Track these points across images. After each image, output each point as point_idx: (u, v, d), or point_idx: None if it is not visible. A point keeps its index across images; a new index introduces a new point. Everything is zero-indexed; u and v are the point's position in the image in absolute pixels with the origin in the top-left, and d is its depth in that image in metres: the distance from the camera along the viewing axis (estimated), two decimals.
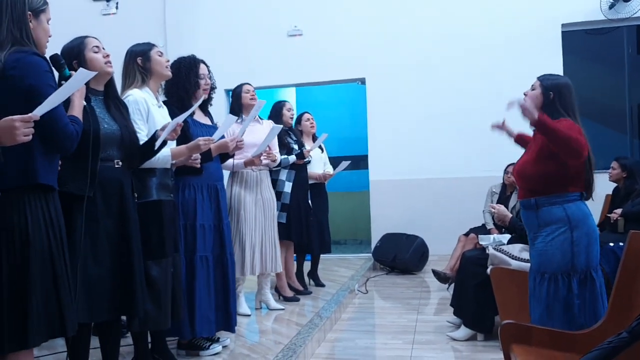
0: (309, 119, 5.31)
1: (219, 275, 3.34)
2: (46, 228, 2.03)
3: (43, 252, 2.01)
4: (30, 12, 2.11)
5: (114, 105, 2.60)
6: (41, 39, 2.16)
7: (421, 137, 7.06)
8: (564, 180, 2.69)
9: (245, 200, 4.08)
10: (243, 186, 4.11)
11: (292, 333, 3.72)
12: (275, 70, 7.40)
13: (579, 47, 7.07)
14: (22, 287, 1.96)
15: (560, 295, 2.66)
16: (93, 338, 2.68)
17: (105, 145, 2.46)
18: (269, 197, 4.27)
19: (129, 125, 2.63)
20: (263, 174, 4.26)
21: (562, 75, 2.88)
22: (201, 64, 3.41)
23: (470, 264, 3.92)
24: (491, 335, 3.77)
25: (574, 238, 2.65)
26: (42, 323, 1.99)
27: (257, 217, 4.14)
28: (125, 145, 2.56)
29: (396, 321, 4.47)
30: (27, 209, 1.98)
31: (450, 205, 6.85)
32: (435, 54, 7.04)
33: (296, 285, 4.98)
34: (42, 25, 2.17)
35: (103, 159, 2.46)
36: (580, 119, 2.77)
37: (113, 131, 2.52)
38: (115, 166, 2.53)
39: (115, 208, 2.50)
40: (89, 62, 2.49)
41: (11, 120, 1.80)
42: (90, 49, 2.52)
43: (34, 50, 2.06)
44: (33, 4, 2.13)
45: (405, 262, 6.33)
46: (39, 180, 2.02)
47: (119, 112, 2.61)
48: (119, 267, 2.48)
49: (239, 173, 4.10)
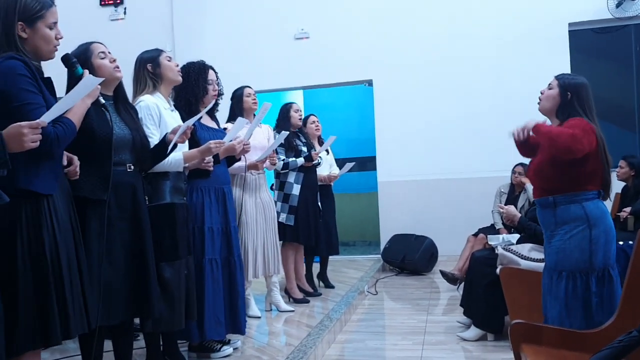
0: (314, 121, 5.31)
1: (226, 278, 3.36)
2: (35, 237, 2.00)
3: (31, 259, 1.98)
4: (22, 22, 2.06)
5: (124, 109, 2.61)
6: (40, 47, 2.11)
7: (429, 137, 7.06)
8: (582, 179, 2.69)
9: (246, 204, 4.09)
10: (243, 189, 4.12)
11: (302, 335, 3.73)
12: (283, 73, 7.42)
13: (587, 46, 7.04)
14: (12, 295, 1.94)
15: (579, 293, 2.66)
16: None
17: (117, 150, 2.47)
18: (267, 199, 4.29)
19: (139, 129, 2.64)
20: (261, 177, 4.27)
21: (579, 75, 2.87)
22: (210, 70, 3.43)
23: (480, 264, 3.91)
24: (501, 335, 3.76)
25: (592, 236, 2.65)
26: (29, 330, 1.97)
27: (258, 220, 4.15)
28: (137, 148, 2.57)
29: (406, 322, 4.47)
30: (15, 217, 1.97)
31: (459, 206, 6.85)
32: (441, 55, 7.05)
33: (306, 287, 4.99)
34: (40, 33, 2.09)
35: (116, 163, 2.46)
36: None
37: (125, 135, 2.52)
38: (127, 170, 2.54)
39: (129, 211, 2.51)
40: (97, 69, 2.47)
41: (19, 126, 1.79)
42: (97, 55, 2.51)
43: (12, 54, 2.01)
44: (26, 12, 2.06)
45: (415, 262, 6.33)
46: (19, 185, 1.97)
47: (129, 115, 2.62)
48: (133, 269, 2.50)
49: (238, 176, 4.11)
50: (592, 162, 2.68)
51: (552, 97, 2.81)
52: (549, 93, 2.82)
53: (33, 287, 2.00)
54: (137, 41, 4.25)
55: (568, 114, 2.74)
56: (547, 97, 2.83)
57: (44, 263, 2.01)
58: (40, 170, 2.04)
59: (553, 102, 2.80)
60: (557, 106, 2.79)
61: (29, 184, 2.00)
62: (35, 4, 2.09)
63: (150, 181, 2.85)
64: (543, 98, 2.85)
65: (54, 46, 2.16)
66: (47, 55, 2.16)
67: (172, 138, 2.67)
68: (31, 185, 2.01)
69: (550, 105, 2.82)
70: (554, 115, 2.83)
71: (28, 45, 2.09)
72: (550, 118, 2.87)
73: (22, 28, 2.06)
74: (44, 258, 2.01)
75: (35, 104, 1.98)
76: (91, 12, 7.94)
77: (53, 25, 2.14)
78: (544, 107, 2.85)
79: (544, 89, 2.87)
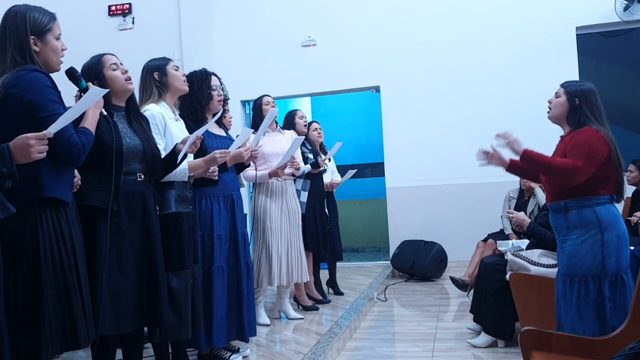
0: (317, 128, 5.30)
1: (233, 285, 3.36)
2: (57, 242, 2.06)
3: (55, 266, 2.04)
4: (34, 36, 2.13)
5: (135, 120, 2.63)
6: (50, 59, 2.18)
7: (437, 143, 7.04)
8: (594, 183, 2.68)
9: (271, 210, 4.11)
10: (268, 196, 4.14)
11: (311, 342, 3.73)
12: (290, 80, 7.44)
13: (595, 50, 7.02)
14: (35, 302, 1.99)
15: (592, 298, 2.66)
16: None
17: (128, 159, 2.49)
18: (294, 206, 4.30)
19: (150, 139, 2.66)
20: (288, 183, 4.29)
21: (585, 81, 2.89)
22: (213, 76, 3.45)
23: (490, 270, 3.89)
24: (512, 342, 3.74)
25: (604, 241, 2.65)
26: (54, 337, 2.02)
27: (283, 226, 4.17)
28: (148, 158, 2.59)
29: (416, 329, 4.45)
30: (37, 224, 2.03)
31: (468, 211, 6.83)
32: (449, 60, 7.04)
33: (315, 295, 4.99)
34: (50, 45, 2.18)
35: (126, 172, 2.49)
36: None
37: (135, 145, 2.54)
38: (137, 179, 2.56)
39: (139, 220, 2.53)
40: (109, 80, 2.52)
41: (26, 138, 1.82)
42: (109, 67, 2.54)
43: (34, 67, 2.08)
44: (36, 26, 2.14)
45: (424, 269, 6.30)
46: (46, 193, 2.04)
47: (140, 126, 2.64)
48: (144, 278, 2.51)
49: (264, 183, 4.12)
50: (605, 167, 2.68)
51: (560, 104, 2.83)
52: (557, 101, 2.84)
53: (57, 292, 2.05)
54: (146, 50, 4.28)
55: (578, 120, 2.76)
56: (555, 105, 2.85)
57: (67, 268, 2.08)
58: (62, 180, 2.13)
59: (562, 110, 2.82)
60: (567, 113, 2.80)
61: (54, 192, 2.08)
62: (43, 17, 2.18)
63: (156, 190, 2.87)
64: (552, 106, 2.87)
65: (61, 57, 2.24)
66: (56, 67, 2.23)
67: (182, 148, 2.69)
68: (56, 194, 2.09)
69: (560, 113, 2.83)
70: (564, 122, 2.85)
71: (40, 58, 2.16)
72: (562, 125, 2.88)
73: (34, 42, 2.14)
74: (67, 263, 2.08)
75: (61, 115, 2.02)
76: (100, 22, 8.01)
77: (59, 37, 2.22)
78: (554, 115, 2.87)
79: (552, 98, 2.89)
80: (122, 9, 8.06)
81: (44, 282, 2.01)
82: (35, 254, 2.01)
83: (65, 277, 2.07)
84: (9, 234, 1.99)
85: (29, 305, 1.99)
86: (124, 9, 8.05)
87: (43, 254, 2.02)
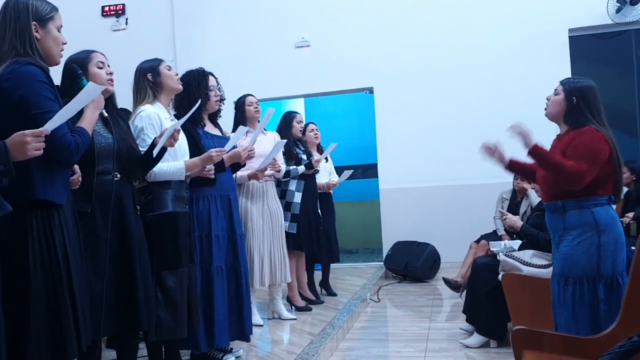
0: (313, 129, 5.32)
1: (232, 285, 3.36)
2: (48, 248, 1.99)
3: (44, 272, 1.97)
4: (36, 22, 2.08)
5: (112, 119, 2.54)
6: (51, 48, 2.13)
7: (430, 144, 7.06)
8: (593, 184, 2.63)
9: (252, 212, 4.10)
10: (249, 198, 4.12)
11: (304, 343, 3.73)
12: (284, 81, 7.44)
13: (587, 52, 7.05)
14: (21, 311, 1.92)
15: (586, 300, 2.62)
16: (110, 351, 2.69)
17: (100, 159, 2.42)
18: (275, 207, 4.29)
19: (126, 138, 2.58)
20: (269, 184, 4.28)
21: (585, 78, 2.84)
22: (210, 76, 3.44)
23: (482, 271, 3.91)
24: (504, 342, 3.75)
25: (601, 243, 2.61)
26: (42, 348, 1.94)
27: (265, 228, 4.16)
28: (123, 157, 2.52)
29: (409, 329, 4.46)
30: (27, 228, 1.97)
31: (461, 212, 6.84)
32: (442, 62, 7.06)
33: (308, 295, 4.99)
34: (51, 34, 2.12)
35: (99, 172, 2.41)
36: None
37: (108, 144, 2.46)
38: (113, 179, 2.46)
39: (116, 221, 2.44)
40: (92, 76, 2.45)
41: (22, 135, 1.78)
42: (95, 64, 2.51)
43: (29, 60, 2.02)
44: (39, 13, 2.09)
45: (417, 270, 6.32)
46: (36, 195, 1.98)
47: (116, 125, 2.56)
48: (121, 281, 2.43)
49: (244, 185, 4.11)
50: (605, 168, 2.64)
51: (558, 102, 2.78)
52: (555, 99, 2.80)
53: (46, 299, 1.97)
54: (139, 51, 4.27)
55: (576, 119, 2.72)
56: (553, 103, 2.80)
57: (57, 274, 2.00)
58: (55, 181, 2.05)
59: (559, 108, 2.78)
60: (565, 111, 2.76)
61: (45, 194, 2.01)
62: (45, 5, 2.13)
63: (152, 190, 2.86)
64: (549, 104, 2.82)
65: (61, 49, 2.19)
66: (56, 59, 2.18)
67: (159, 141, 2.62)
68: (47, 196, 2.02)
69: (557, 111, 2.79)
70: (562, 121, 2.81)
71: (41, 47, 2.10)
72: (559, 123, 2.85)
73: (35, 28, 2.09)
74: (57, 269, 2.00)
75: (55, 112, 1.94)
76: (93, 23, 7.98)
77: (60, 29, 2.18)
78: (551, 113, 2.83)
79: (550, 95, 2.84)
80: (115, 9, 8.04)
81: (32, 289, 1.94)
82: (24, 258, 1.94)
83: (54, 284, 1.99)
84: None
85: (15, 313, 1.91)
86: (118, 10, 8.03)
87: (32, 259, 1.95)
